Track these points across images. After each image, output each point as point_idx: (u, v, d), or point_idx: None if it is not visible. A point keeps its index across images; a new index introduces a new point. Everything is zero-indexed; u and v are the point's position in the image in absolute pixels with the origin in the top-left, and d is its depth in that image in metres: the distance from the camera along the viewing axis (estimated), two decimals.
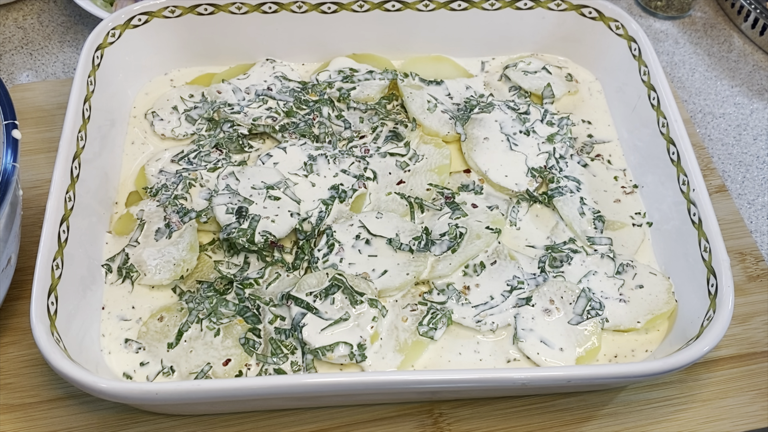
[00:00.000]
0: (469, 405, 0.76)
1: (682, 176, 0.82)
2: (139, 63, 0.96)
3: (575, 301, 0.78)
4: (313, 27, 0.97)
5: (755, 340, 0.81)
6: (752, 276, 0.86)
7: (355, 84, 0.96)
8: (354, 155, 0.90)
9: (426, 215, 0.86)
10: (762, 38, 1.15)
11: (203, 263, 0.81)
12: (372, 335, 0.75)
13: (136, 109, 0.96)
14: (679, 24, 1.20)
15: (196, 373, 0.73)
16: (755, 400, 0.77)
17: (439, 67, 1.01)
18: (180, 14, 0.95)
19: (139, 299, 0.79)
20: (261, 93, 0.95)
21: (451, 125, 0.94)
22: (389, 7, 0.97)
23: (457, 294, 0.79)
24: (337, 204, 0.85)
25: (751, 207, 0.96)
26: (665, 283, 0.80)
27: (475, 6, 0.98)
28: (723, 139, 1.04)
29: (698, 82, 1.12)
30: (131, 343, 0.76)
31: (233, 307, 0.77)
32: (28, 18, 1.15)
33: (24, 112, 0.96)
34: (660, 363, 0.67)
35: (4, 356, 0.77)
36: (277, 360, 0.74)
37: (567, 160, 0.91)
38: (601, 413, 0.76)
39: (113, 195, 0.87)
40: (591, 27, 0.98)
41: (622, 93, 0.96)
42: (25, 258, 0.80)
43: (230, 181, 0.85)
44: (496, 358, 0.76)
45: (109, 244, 0.83)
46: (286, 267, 0.81)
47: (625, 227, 0.86)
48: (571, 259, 0.82)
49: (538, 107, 0.96)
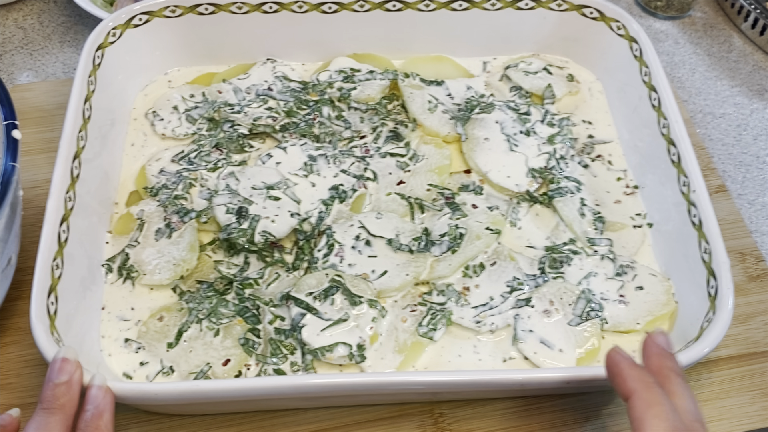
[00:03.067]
0: (469, 405, 0.76)
1: (682, 177, 0.82)
2: (139, 63, 0.96)
3: (575, 302, 0.78)
4: (314, 27, 0.97)
5: (755, 340, 0.81)
6: (752, 276, 0.86)
7: (355, 84, 0.96)
8: (354, 155, 0.90)
9: (426, 216, 0.86)
10: (762, 38, 1.14)
11: (203, 263, 0.81)
12: (371, 336, 0.75)
13: (136, 109, 0.96)
14: (679, 24, 1.20)
15: (196, 373, 0.73)
16: (755, 400, 0.77)
17: (439, 67, 1.01)
18: (180, 14, 0.95)
19: (138, 299, 0.79)
20: (261, 93, 0.95)
21: (452, 125, 0.94)
22: (390, 7, 0.97)
23: (457, 295, 0.79)
24: (337, 204, 0.85)
25: (751, 207, 0.96)
26: (665, 285, 0.80)
27: (476, 6, 0.98)
28: (723, 139, 1.04)
29: (698, 82, 1.12)
30: (131, 342, 0.76)
31: (233, 307, 0.77)
32: (28, 18, 1.15)
33: (24, 112, 0.96)
34: None
35: (4, 356, 0.77)
36: (277, 360, 0.74)
37: (567, 160, 0.91)
38: (601, 413, 0.76)
39: (113, 195, 0.87)
40: (592, 27, 0.98)
41: (623, 93, 0.96)
42: (25, 258, 0.80)
43: (230, 181, 0.85)
44: (495, 359, 0.76)
45: (110, 244, 0.83)
46: (286, 267, 0.81)
47: (625, 228, 0.86)
48: (571, 260, 0.82)
49: (539, 108, 0.96)
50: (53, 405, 0.60)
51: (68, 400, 0.61)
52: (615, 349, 0.63)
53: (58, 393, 0.61)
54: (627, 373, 0.59)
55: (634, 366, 0.60)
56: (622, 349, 0.63)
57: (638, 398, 0.57)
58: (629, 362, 0.61)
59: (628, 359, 0.61)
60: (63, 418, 0.60)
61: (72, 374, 0.62)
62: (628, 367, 0.60)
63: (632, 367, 0.60)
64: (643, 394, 0.57)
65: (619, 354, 0.62)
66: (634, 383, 0.58)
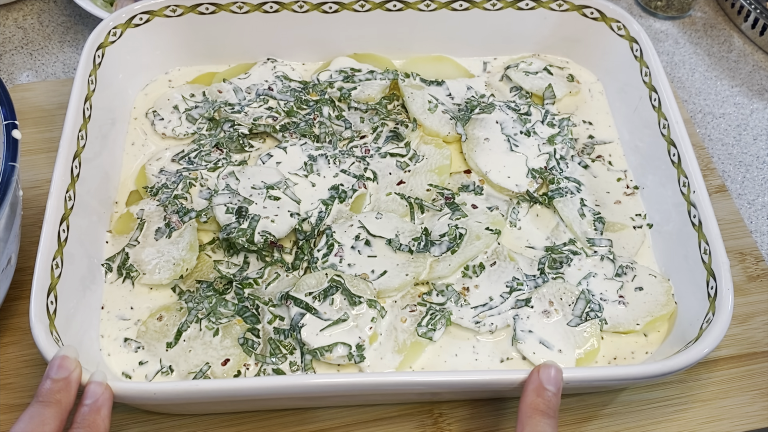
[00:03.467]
0: (469, 405, 0.76)
1: (682, 178, 0.82)
2: (139, 62, 0.96)
3: (574, 302, 0.78)
4: (314, 26, 0.97)
5: (755, 340, 0.81)
6: (752, 276, 0.86)
7: (355, 84, 0.96)
8: (354, 155, 0.90)
9: (426, 216, 0.86)
10: (762, 38, 1.14)
11: (203, 263, 0.81)
12: (371, 336, 0.75)
13: (136, 109, 0.96)
14: (679, 24, 1.20)
15: (195, 372, 0.73)
16: (755, 400, 0.77)
17: (440, 67, 1.01)
18: (181, 13, 0.95)
19: (138, 299, 0.79)
20: (262, 92, 0.95)
21: (452, 126, 0.94)
22: (390, 7, 0.97)
23: (457, 295, 0.79)
24: (337, 204, 0.85)
25: (751, 207, 0.96)
26: (665, 285, 0.80)
27: (477, 6, 0.97)
28: (723, 139, 1.04)
29: (698, 82, 1.12)
30: (130, 342, 0.76)
31: (232, 306, 0.77)
32: (28, 18, 1.15)
33: (24, 112, 0.96)
34: (659, 365, 0.67)
35: (4, 356, 0.77)
36: (276, 360, 0.74)
37: (568, 161, 0.91)
38: (601, 413, 0.76)
39: (113, 194, 0.87)
40: (592, 27, 0.98)
41: (623, 94, 0.96)
42: (25, 258, 0.80)
43: (230, 180, 0.85)
44: (494, 359, 0.76)
45: (109, 244, 0.83)
46: (285, 267, 0.81)
47: (625, 229, 0.86)
48: (570, 260, 0.82)
49: (539, 108, 0.96)
50: (49, 399, 0.60)
51: (64, 396, 0.61)
52: (542, 367, 0.66)
53: (55, 388, 0.61)
54: (523, 396, 0.65)
55: (535, 391, 0.64)
56: (548, 368, 0.65)
57: (518, 420, 0.64)
58: (536, 386, 0.64)
59: (536, 383, 0.64)
60: (58, 412, 0.60)
61: (71, 372, 0.62)
62: (529, 392, 0.64)
63: (533, 392, 0.64)
64: (521, 417, 0.63)
65: (537, 374, 0.65)
66: (522, 406, 0.64)
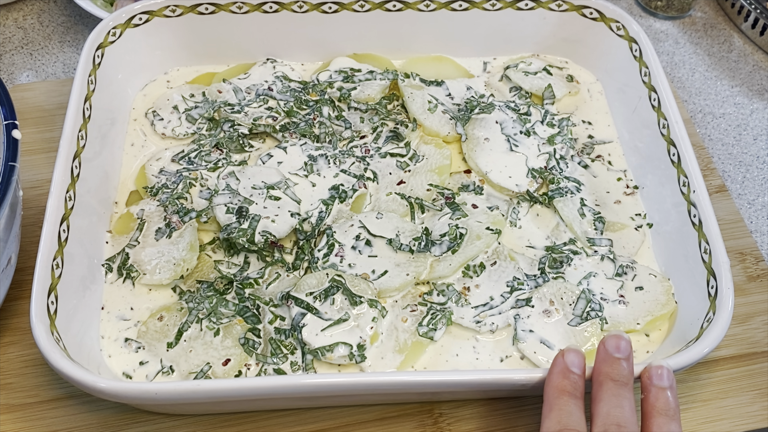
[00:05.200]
0: (469, 405, 0.76)
1: (682, 177, 0.82)
2: (139, 62, 0.96)
3: (575, 302, 0.78)
4: (314, 27, 0.97)
5: (755, 340, 0.81)
6: (752, 276, 0.86)
7: (355, 84, 0.96)
8: (354, 155, 0.90)
9: (426, 216, 0.86)
10: (762, 38, 1.14)
11: (203, 263, 0.81)
12: (372, 336, 0.75)
13: (136, 109, 0.96)
14: (679, 24, 1.20)
15: (196, 372, 0.73)
16: (755, 400, 0.77)
17: (439, 68, 1.01)
18: (181, 13, 0.95)
19: (138, 299, 0.79)
20: (261, 93, 0.95)
21: (452, 126, 0.94)
22: (390, 7, 0.97)
23: (457, 295, 0.79)
24: (338, 204, 0.85)
25: (751, 207, 0.96)
26: (665, 285, 0.80)
27: (476, 6, 0.98)
28: (723, 139, 1.04)
29: (698, 82, 1.12)
30: (131, 342, 0.76)
31: (233, 307, 0.77)
32: (28, 18, 1.15)
33: (24, 112, 0.96)
34: None
35: (4, 356, 0.77)
36: (277, 360, 0.74)
37: (567, 161, 0.91)
38: None
39: (113, 194, 0.87)
40: (592, 28, 0.98)
41: (622, 94, 0.96)
42: (25, 258, 0.80)
43: (230, 180, 0.85)
44: (495, 359, 0.76)
45: (109, 244, 0.83)
46: (286, 267, 0.81)
47: (625, 228, 0.86)
48: (571, 260, 0.82)
49: (539, 108, 0.96)
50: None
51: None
52: (565, 351, 0.66)
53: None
54: (549, 379, 0.65)
55: (561, 373, 0.64)
56: (572, 352, 0.66)
57: (545, 402, 0.64)
58: (561, 369, 0.65)
59: (562, 366, 0.65)
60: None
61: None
62: (555, 374, 0.65)
63: (560, 374, 0.64)
64: (548, 399, 0.64)
65: (562, 358, 0.66)
66: (548, 389, 0.64)
